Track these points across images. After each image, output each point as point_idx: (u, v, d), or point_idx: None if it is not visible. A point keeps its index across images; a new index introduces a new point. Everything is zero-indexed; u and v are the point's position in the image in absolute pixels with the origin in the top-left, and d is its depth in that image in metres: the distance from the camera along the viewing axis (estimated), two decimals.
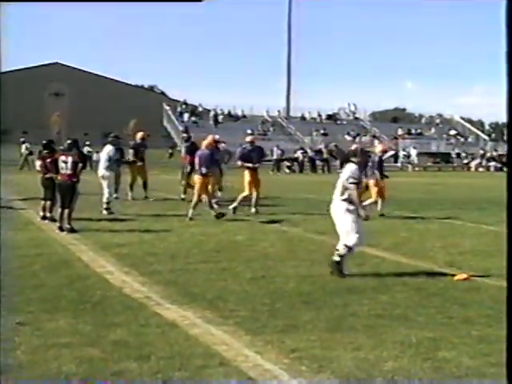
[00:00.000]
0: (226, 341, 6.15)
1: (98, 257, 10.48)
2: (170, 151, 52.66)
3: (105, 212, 16.01)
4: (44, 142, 14.89)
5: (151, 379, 5.11)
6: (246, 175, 16.94)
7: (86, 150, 43.50)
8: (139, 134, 20.72)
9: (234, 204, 16.54)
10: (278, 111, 68.90)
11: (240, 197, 16.66)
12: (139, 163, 20.05)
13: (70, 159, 13.08)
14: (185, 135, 23.07)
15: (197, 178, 15.62)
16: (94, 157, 46.55)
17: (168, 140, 59.64)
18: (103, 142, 19.32)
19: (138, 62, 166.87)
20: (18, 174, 32.99)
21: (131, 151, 20.13)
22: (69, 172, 13.04)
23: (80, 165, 13.21)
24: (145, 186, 20.02)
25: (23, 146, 42.18)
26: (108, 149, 17.32)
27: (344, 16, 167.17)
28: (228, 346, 5.98)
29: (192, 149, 19.19)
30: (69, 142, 13.73)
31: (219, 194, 18.97)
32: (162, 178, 22.30)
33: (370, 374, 5.30)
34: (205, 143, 16.13)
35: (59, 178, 13.16)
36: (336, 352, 5.79)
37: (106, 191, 16.49)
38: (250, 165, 16.93)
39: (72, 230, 12.83)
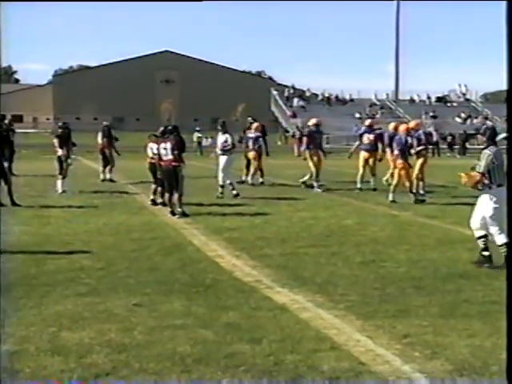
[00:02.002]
0: (337, 325, 6.15)
1: (209, 241, 10.66)
2: (286, 135, 56.07)
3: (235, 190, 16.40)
4: (162, 128, 15.14)
5: (263, 361, 5.18)
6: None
7: (195, 135, 43.99)
8: (313, 120, 19.22)
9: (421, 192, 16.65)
10: (387, 94, 68.00)
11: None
12: (314, 150, 18.50)
13: (168, 145, 13.36)
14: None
15: (398, 163, 15.70)
16: (204, 142, 47.27)
17: (275, 125, 59.95)
18: (213, 128, 19.16)
19: (246, 49, 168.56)
20: (132, 160, 33.87)
21: (305, 139, 19.24)
22: (170, 157, 13.33)
23: (176, 150, 13.37)
24: (317, 174, 18.64)
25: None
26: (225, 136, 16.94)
27: None
28: (339, 330, 5.98)
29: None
30: (168, 128, 14.07)
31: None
32: (270, 162, 22.29)
33: (486, 362, 5.18)
34: (401, 128, 16.30)
35: (162, 163, 13.47)
36: (449, 338, 5.70)
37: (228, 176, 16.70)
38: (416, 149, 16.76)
39: (184, 214, 13.09)
